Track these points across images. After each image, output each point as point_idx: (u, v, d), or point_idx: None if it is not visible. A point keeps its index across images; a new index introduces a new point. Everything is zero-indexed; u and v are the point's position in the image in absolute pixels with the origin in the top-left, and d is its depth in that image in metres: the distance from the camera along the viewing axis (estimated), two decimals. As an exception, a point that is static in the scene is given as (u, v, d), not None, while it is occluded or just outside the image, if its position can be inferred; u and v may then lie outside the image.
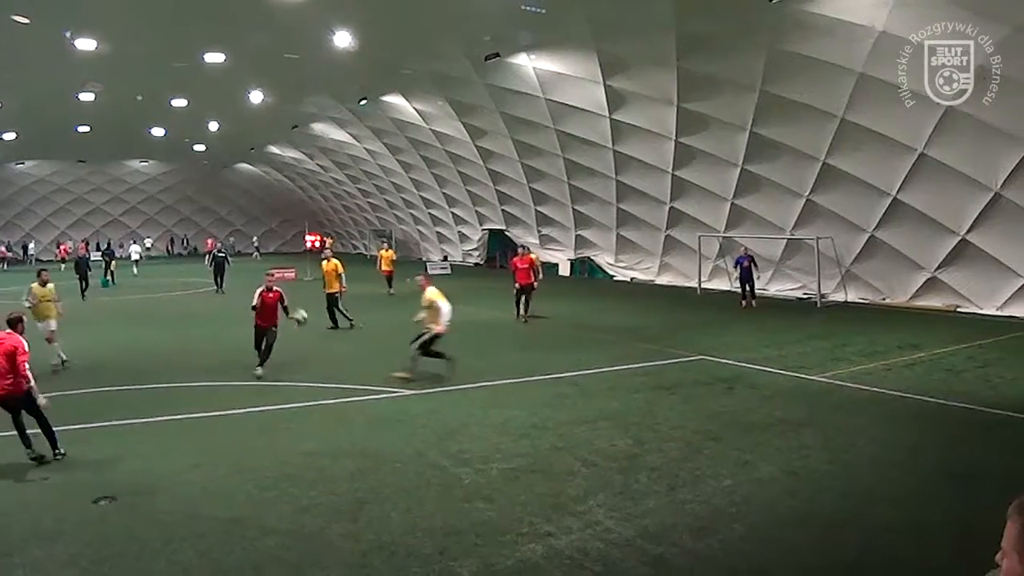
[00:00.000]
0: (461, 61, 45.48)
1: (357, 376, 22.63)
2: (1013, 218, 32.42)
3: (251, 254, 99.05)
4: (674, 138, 43.34)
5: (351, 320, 33.39)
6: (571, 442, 16.28)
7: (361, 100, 58.19)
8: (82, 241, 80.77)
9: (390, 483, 13.75)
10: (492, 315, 37.04)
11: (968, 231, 34.32)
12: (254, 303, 24.41)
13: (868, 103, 33.22)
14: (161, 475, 14.39)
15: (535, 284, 36.08)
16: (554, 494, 13.20)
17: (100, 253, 68.86)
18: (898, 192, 35.70)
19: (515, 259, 36.90)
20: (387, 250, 49.61)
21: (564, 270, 62.29)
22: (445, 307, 21.93)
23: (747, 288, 39.82)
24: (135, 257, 73.42)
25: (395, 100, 57.81)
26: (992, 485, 13.15)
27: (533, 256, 37.02)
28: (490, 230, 71.08)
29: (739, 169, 42.11)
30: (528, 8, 34.55)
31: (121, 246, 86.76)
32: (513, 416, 18.46)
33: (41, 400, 15.30)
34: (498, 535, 11.51)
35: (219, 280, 50.56)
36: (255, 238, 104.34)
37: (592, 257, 59.67)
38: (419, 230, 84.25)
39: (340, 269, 34.05)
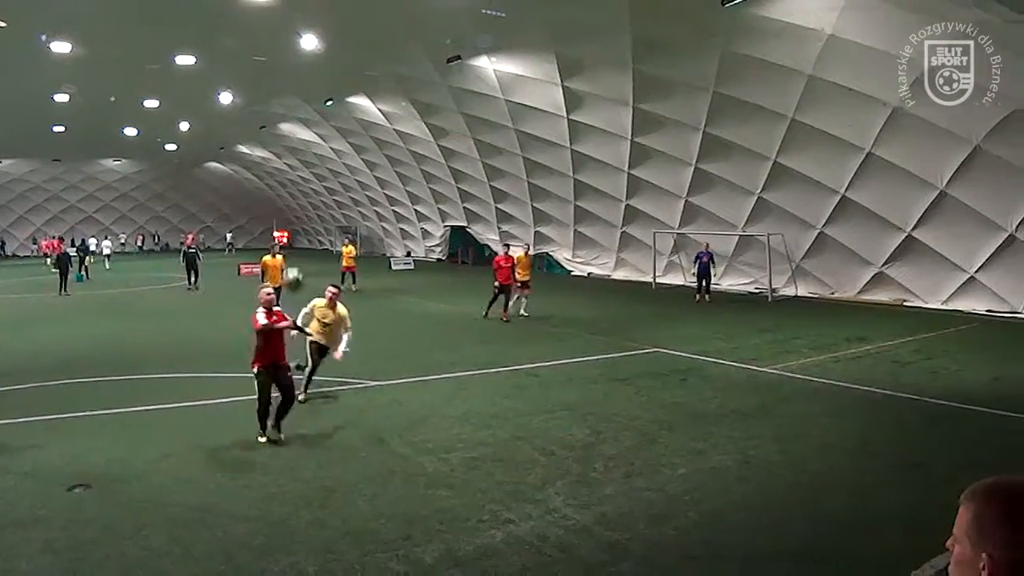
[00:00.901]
0: (424, 63, 45.31)
1: (321, 368, 22.56)
2: (958, 215, 32.63)
3: (223, 250, 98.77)
4: (630, 138, 43.43)
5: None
6: (530, 432, 16.19)
7: (327, 101, 58.11)
8: (57, 238, 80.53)
9: (355, 472, 13.66)
10: (454, 309, 36.98)
11: (914, 228, 34.59)
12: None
13: (817, 104, 33.32)
14: (134, 464, 14.25)
15: (519, 284, 34.04)
16: (514, 482, 13.17)
17: (75, 249, 68.75)
18: (846, 190, 35.90)
19: (498, 257, 35.26)
20: (347, 245, 48.99)
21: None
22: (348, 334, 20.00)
23: (703, 283, 39.91)
24: (107, 252, 73.71)
25: (360, 101, 57.69)
26: (937, 473, 13.27)
27: (520, 255, 35.64)
28: (452, 227, 71.13)
29: (692, 168, 42.19)
30: (488, 12, 34.46)
31: (96, 242, 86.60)
32: (474, 407, 18.39)
33: None
34: (460, 522, 11.44)
35: (192, 276, 49.58)
36: (229, 234, 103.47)
37: (550, 253, 59.62)
38: (383, 227, 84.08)
39: (283, 264, 33.89)
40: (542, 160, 51.60)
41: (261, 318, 15.61)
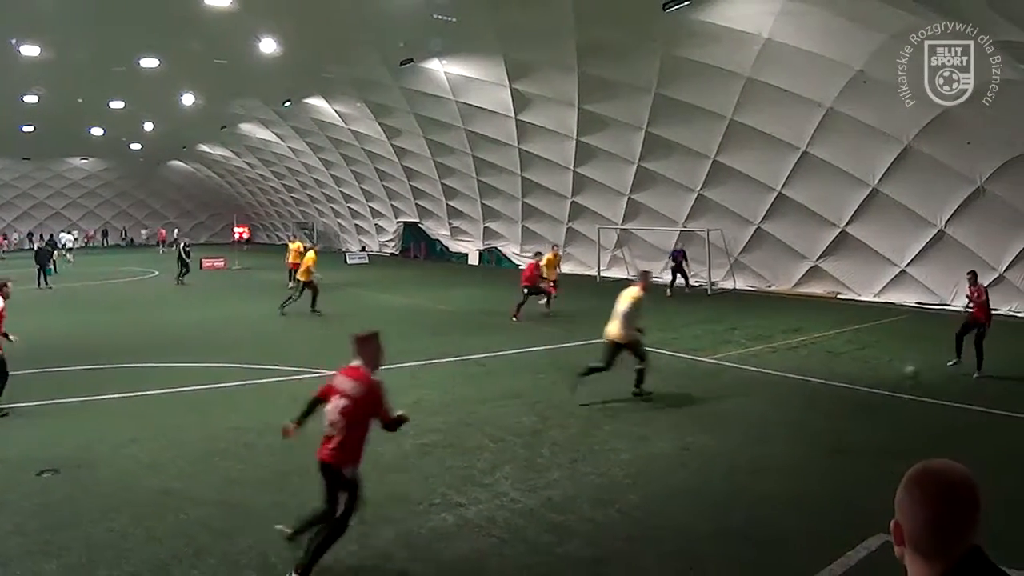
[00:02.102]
0: (378, 66, 45.19)
1: (280, 358, 22.51)
2: (889, 211, 32.92)
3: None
4: (575, 137, 43.50)
5: None
6: (480, 419, 16.34)
7: (285, 102, 57.89)
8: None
9: (311, 456, 13.61)
10: (407, 301, 36.87)
11: (848, 223, 34.86)
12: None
13: (755, 105, 33.46)
14: (100, 449, 14.32)
15: (544, 287, 32.65)
16: (464, 467, 13.28)
17: (44, 244, 68.96)
18: (783, 187, 36.07)
19: (530, 264, 33.66)
20: (293, 242, 48.27)
21: (473, 260, 62.56)
22: None
23: (677, 278, 40.37)
24: (68, 245, 73.82)
25: (316, 102, 57.48)
26: (868, 459, 13.44)
27: (549, 255, 35.44)
28: (405, 222, 71.03)
29: (635, 166, 42.27)
30: (440, 17, 34.44)
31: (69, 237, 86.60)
32: (426, 395, 18.38)
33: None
34: (412, 505, 11.59)
35: (185, 269, 49.25)
36: (176, 231, 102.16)
37: (499, 248, 59.74)
38: (339, 223, 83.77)
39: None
40: (491, 159, 51.64)
41: None
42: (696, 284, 41.87)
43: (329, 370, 21.20)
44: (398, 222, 72.23)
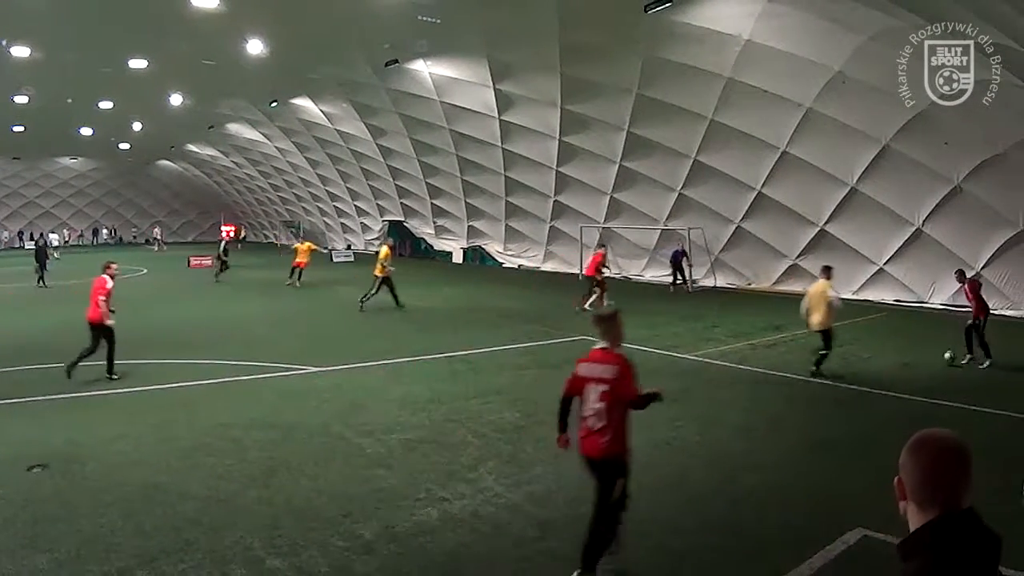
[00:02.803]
0: (363, 67, 45.27)
1: (267, 355, 22.52)
2: (868, 210, 33.05)
3: (151, 244, 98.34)
4: (558, 137, 43.59)
5: None
6: (464, 415, 16.32)
7: (272, 102, 57.91)
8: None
9: (298, 452, 13.72)
10: (392, 300, 36.99)
11: (827, 222, 34.99)
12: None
13: (735, 105, 33.55)
14: (89, 445, 14.29)
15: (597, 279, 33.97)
16: (448, 462, 13.28)
17: (33, 243, 70.09)
18: (763, 187, 36.19)
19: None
20: (303, 242, 48.20)
21: (457, 258, 62.57)
22: None
23: (676, 276, 40.61)
24: (54, 243, 75.25)
25: (303, 102, 57.51)
26: (846, 453, 13.50)
27: (604, 251, 35.92)
28: (390, 221, 70.85)
29: (617, 165, 42.35)
30: (424, 19, 34.44)
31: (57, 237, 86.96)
32: (411, 391, 18.41)
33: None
34: (397, 500, 11.57)
35: (221, 267, 49.61)
36: (156, 229, 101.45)
37: (483, 246, 59.74)
38: (325, 221, 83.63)
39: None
40: (475, 158, 51.72)
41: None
42: (678, 282, 41.97)
43: (316, 367, 21.39)
44: (383, 221, 72.07)
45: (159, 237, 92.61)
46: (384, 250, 34.02)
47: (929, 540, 3.21)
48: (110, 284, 21.21)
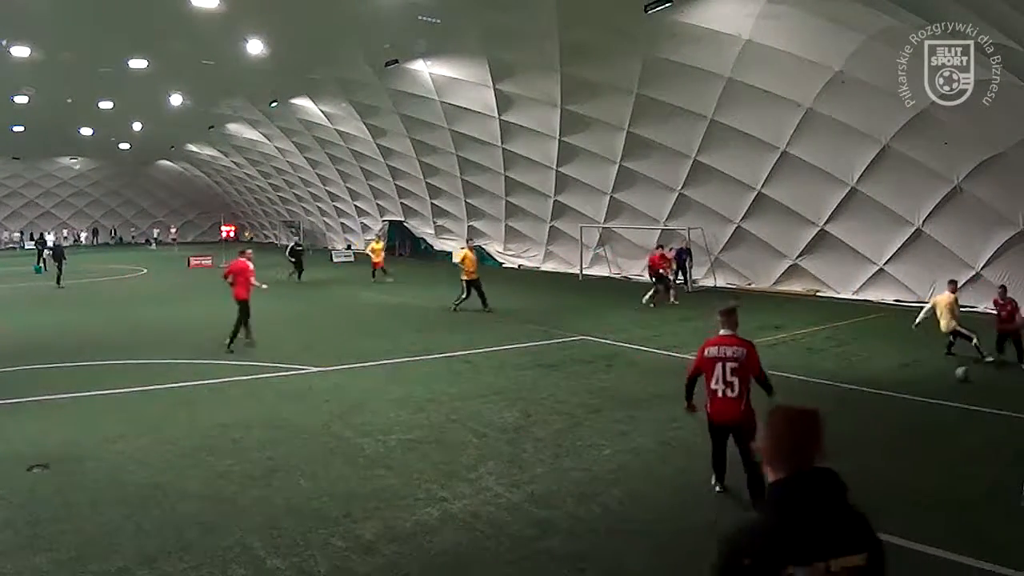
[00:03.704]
0: (363, 67, 45.28)
1: (267, 355, 22.54)
2: (867, 210, 33.00)
3: (148, 243, 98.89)
4: (558, 137, 43.56)
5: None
6: (464, 415, 16.28)
7: (272, 102, 57.86)
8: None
9: (298, 452, 13.73)
10: (392, 299, 36.80)
11: (827, 222, 34.93)
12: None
13: (735, 105, 33.51)
14: (89, 445, 14.28)
15: (662, 274, 35.44)
16: (448, 462, 13.25)
17: (33, 243, 70.39)
18: (763, 187, 36.14)
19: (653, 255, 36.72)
20: (378, 242, 47.92)
21: (457, 258, 62.19)
22: None
23: (680, 276, 40.32)
24: (51, 244, 74.10)
25: (303, 102, 57.47)
26: (847, 454, 13.37)
27: (657, 254, 36.39)
28: (390, 221, 70.94)
29: (617, 165, 42.33)
30: (424, 19, 34.48)
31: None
32: (411, 391, 18.39)
33: None
34: (397, 500, 11.55)
35: (299, 269, 47.34)
36: (156, 231, 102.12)
37: (483, 246, 59.44)
38: (325, 221, 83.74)
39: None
40: (475, 158, 51.70)
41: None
42: (678, 282, 42.00)
43: (316, 367, 21.40)
44: (383, 221, 72.02)
45: (175, 237, 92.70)
46: (470, 255, 33.56)
47: (775, 496, 3.84)
48: (251, 266, 25.41)
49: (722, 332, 11.63)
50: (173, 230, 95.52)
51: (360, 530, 10.48)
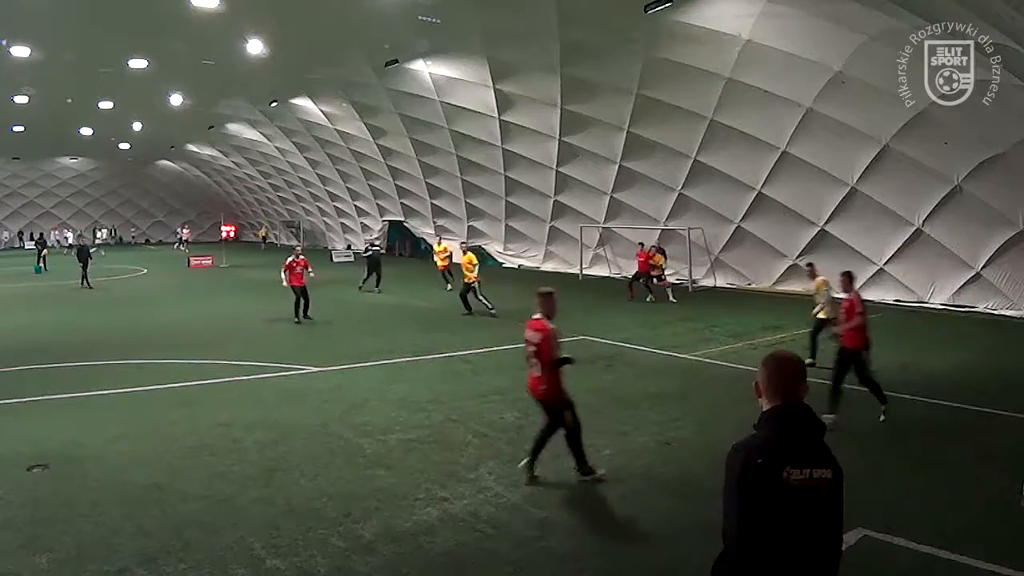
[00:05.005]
0: (363, 67, 45.24)
1: (267, 355, 22.55)
2: (867, 210, 32.97)
3: (173, 244, 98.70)
4: (558, 137, 43.53)
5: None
6: (464, 415, 16.33)
7: (272, 102, 57.83)
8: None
9: (298, 452, 13.75)
10: (392, 299, 36.81)
11: (827, 222, 34.89)
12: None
13: (735, 105, 33.47)
14: (89, 445, 14.31)
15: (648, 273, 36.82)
16: (448, 462, 13.30)
17: (34, 243, 70.65)
18: (763, 187, 36.12)
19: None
20: (439, 244, 46.20)
21: (458, 258, 62.17)
22: None
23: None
24: (100, 241, 76.12)
25: (303, 102, 57.44)
26: (846, 453, 13.37)
27: (651, 252, 37.67)
28: (390, 221, 71.09)
29: (617, 165, 42.31)
30: (424, 19, 34.50)
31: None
32: (411, 391, 18.43)
33: None
34: (397, 500, 11.58)
35: (376, 276, 42.58)
36: (185, 228, 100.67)
37: (483, 246, 59.52)
38: (325, 221, 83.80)
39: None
40: (475, 158, 51.72)
41: None
42: (677, 282, 41.97)
43: (316, 367, 21.43)
44: (383, 221, 72.20)
45: (187, 238, 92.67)
46: (470, 256, 33.49)
47: (773, 417, 4.86)
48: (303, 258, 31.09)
49: (535, 316, 12.90)
50: (186, 231, 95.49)
51: (360, 530, 10.49)
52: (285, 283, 30.90)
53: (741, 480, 4.74)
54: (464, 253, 34.20)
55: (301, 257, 31.32)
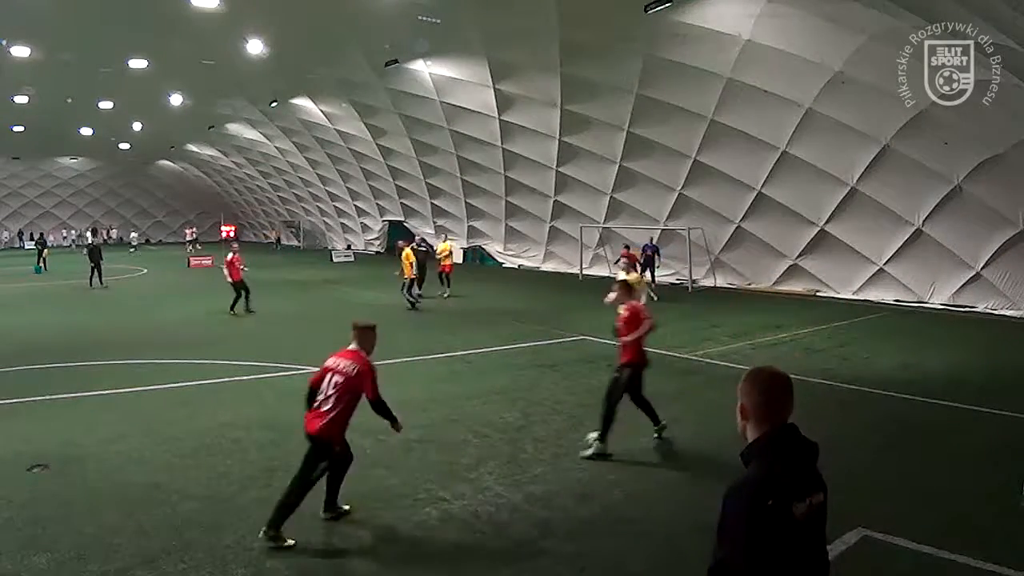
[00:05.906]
0: (363, 67, 45.33)
1: (267, 355, 22.52)
2: (867, 210, 32.99)
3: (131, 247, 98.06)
4: (558, 137, 43.61)
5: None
6: (464, 415, 16.28)
7: (272, 102, 57.99)
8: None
9: (298, 452, 13.49)
10: (392, 300, 36.86)
11: (827, 222, 34.92)
12: None
13: (735, 105, 33.53)
14: (89, 445, 14.24)
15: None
16: (448, 463, 13.26)
17: (34, 242, 70.86)
18: (763, 186, 36.14)
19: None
20: (444, 241, 45.28)
21: (457, 258, 62.15)
22: None
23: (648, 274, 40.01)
24: (133, 239, 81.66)
25: (303, 102, 57.60)
26: (846, 453, 13.41)
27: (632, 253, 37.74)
28: (390, 221, 71.15)
29: (617, 165, 42.36)
30: (424, 19, 34.53)
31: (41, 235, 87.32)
32: (410, 391, 18.18)
33: None
34: (397, 500, 11.57)
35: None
36: (192, 229, 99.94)
37: (483, 246, 59.76)
38: (325, 221, 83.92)
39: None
40: (475, 158, 51.78)
41: None
42: (678, 282, 41.97)
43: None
44: (383, 221, 72.34)
45: (194, 240, 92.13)
46: (407, 252, 33.96)
47: (765, 447, 4.48)
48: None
49: (351, 347, 11.63)
50: (190, 231, 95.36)
51: (360, 530, 10.52)
52: (228, 279, 32.28)
53: (750, 522, 4.42)
54: (402, 250, 34.70)
55: (237, 255, 33.04)
